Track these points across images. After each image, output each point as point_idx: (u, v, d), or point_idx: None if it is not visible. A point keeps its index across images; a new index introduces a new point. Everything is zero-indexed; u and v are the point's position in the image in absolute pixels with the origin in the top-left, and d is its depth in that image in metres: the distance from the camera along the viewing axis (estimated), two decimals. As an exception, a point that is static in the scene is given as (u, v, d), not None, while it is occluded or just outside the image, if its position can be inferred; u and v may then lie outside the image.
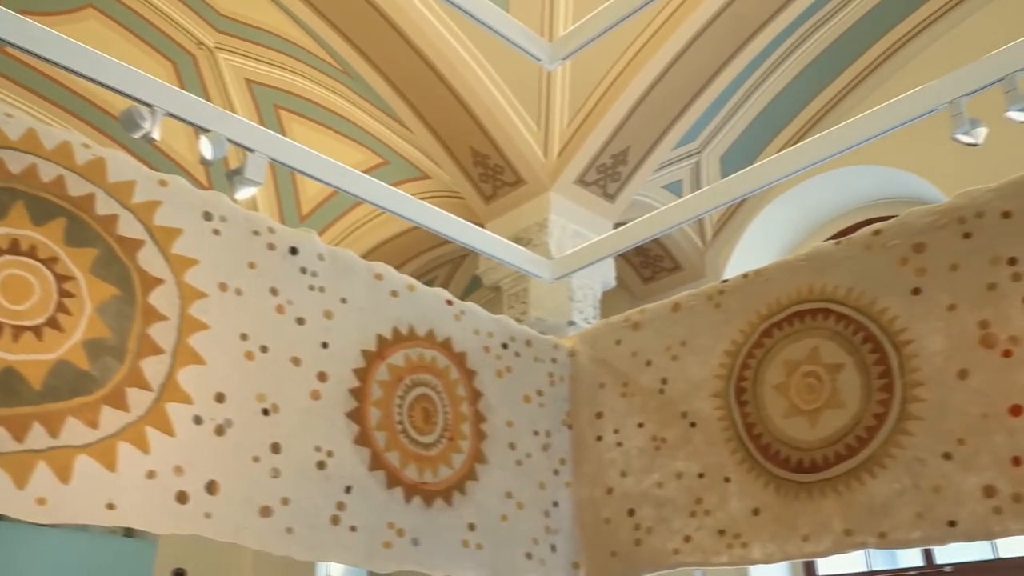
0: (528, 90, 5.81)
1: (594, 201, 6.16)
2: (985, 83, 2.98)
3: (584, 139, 5.84)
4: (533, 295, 5.82)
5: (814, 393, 2.45)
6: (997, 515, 2.05)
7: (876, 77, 6.38)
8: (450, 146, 6.16)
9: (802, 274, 2.57)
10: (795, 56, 6.24)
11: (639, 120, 5.75)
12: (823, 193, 6.76)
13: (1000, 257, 2.18)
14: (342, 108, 6.78)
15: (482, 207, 6.30)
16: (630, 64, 5.56)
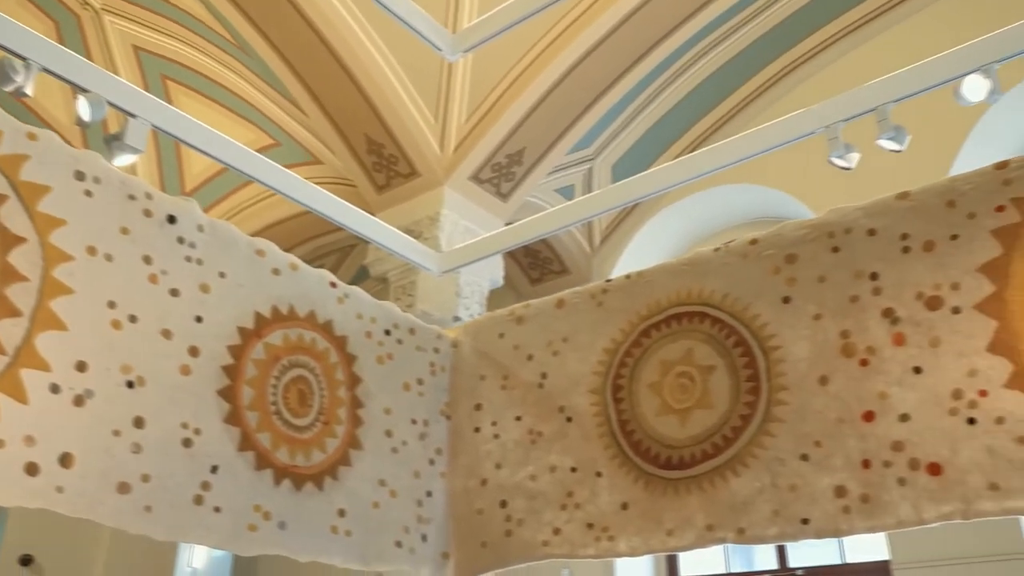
0: (428, 82, 5.79)
1: (487, 199, 6.19)
2: (861, 111, 3.16)
3: (481, 136, 5.86)
4: (420, 288, 5.80)
5: (686, 393, 2.53)
6: (846, 514, 2.17)
7: (765, 99, 6.66)
8: (345, 132, 6.06)
9: (682, 278, 2.65)
10: (691, 72, 6.44)
11: (537, 122, 5.82)
12: (708, 208, 7.00)
13: (863, 272, 2.30)
14: (234, 84, 6.57)
15: (374, 197, 6.23)
16: (531, 65, 5.61)
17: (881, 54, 5.88)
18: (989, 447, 2.00)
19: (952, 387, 2.09)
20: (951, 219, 2.20)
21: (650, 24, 5.44)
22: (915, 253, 2.24)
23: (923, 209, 2.26)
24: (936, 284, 2.18)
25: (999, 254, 2.11)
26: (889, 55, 5.65)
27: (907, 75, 3.08)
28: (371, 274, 6.17)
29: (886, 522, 2.11)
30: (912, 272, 2.23)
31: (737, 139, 3.45)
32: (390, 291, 5.98)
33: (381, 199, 6.17)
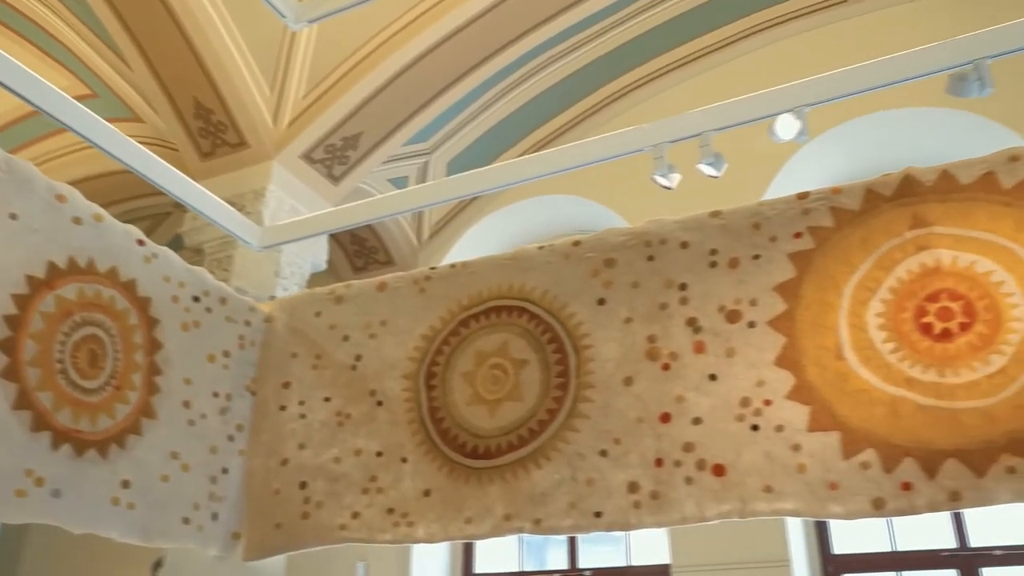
0: (268, 52, 5.57)
1: (317, 180, 6.03)
2: (686, 135, 3.33)
3: (318, 115, 5.70)
4: (238, 264, 5.55)
5: (498, 384, 2.57)
6: (636, 509, 2.28)
7: (603, 115, 6.89)
8: (172, 92, 5.72)
9: (506, 272, 2.69)
10: (535, 79, 6.56)
11: (377, 108, 5.73)
12: (536, 214, 7.16)
13: (674, 281, 2.43)
14: (52, 25, 6.05)
15: (197, 163, 5.92)
16: (378, 50, 5.53)
17: (712, 85, 6.24)
18: (768, 452, 2.17)
19: (741, 395, 2.24)
20: (755, 240, 2.36)
21: (501, 26, 5.50)
22: (721, 268, 2.38)
23: (732, 228, 2.41)
24: (737, 299, 2.33)
25: (793, 276, 2.29)
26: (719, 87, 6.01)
27: (730, 107, 3.27)
28: (186, 244, 5.84)
29: (672, 518, 2.23)
30: (717, 286, 2.37)
31: (569, 148, 3.55)
32: (205, 263, 5.68)
33: (204, 167, 5.86)
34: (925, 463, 2.00)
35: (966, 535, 5.31)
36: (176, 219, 6.70)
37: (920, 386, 2.07)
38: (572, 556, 6.44)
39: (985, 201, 2.16)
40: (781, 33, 6.30)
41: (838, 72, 2.94)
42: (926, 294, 2.14)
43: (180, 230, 5.91)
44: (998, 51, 2.63)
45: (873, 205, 2.27)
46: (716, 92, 5.17)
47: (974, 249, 2.13)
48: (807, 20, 6.26)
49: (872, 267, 2.22)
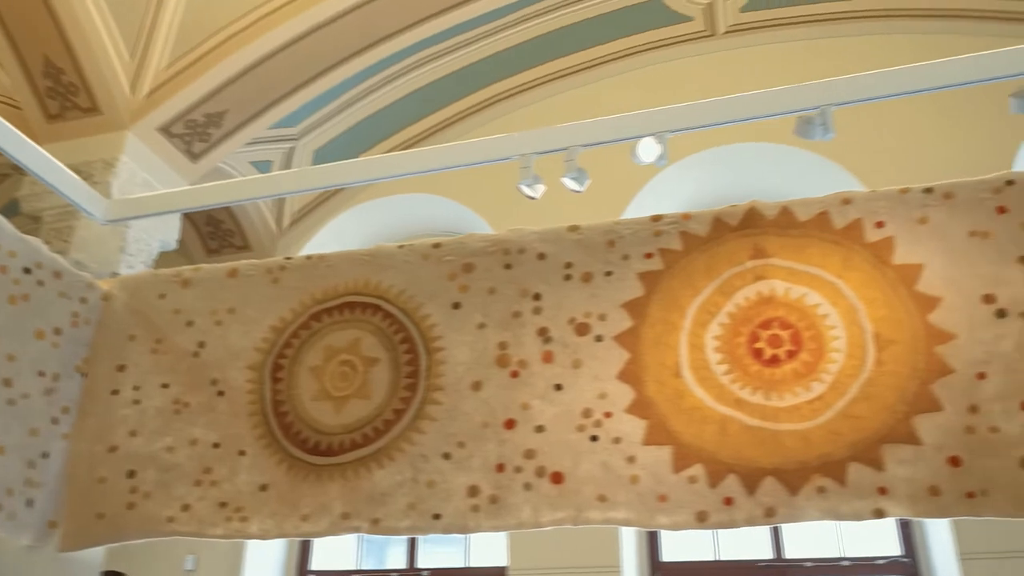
0: (131, 14, 5.28)
1: (174, 155, 5.77)
2: (553, 148, 3.40)
3: (181, 88, 5.46)
4: (79, 236, 5.23)
5: (346, 381, 2.54)
6: (474, 512, 2.30)
7: (477, 119, 6.93)
8: (20, 47, 5.33)
9: (363, 268, 2.66)
10: (411, 76, 6.53)
11: (245, 86, 5.54)
12: (402, 211, 7.12)
13: (529, 291, 2.48)
14: None
15: (42, 125, 5.54)
16: (252, 26, 5.35)
17: (581, 102, 6.41)
18: (604, 463, 2.24)
19: (584, 406, 2.31)
20: (609, 257, 2.44)
21: (379, 18, 5.44)
22: (575, 281, 2.45)
23: (588, 244, 2.48)
24: (587, 312, 2.41)
25: (641, 294, 2.38)
26: (588, 105, 6.17)
27: (598, 125, 3.37)
28: (23, 210, 5.45)
29: (508, 522, 2.27)
30: (569, 298, 2.44)
31: (438, 149, 3.55)
32: (43, 233, 5.32)
33: (50, 129, 5.50)
34: (746, 480, 2.13)
35: (782, 547, 5.67)
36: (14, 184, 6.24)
37: (748, 407, 2.20)
38: (411, 556, 6.43)
39: (818, 239, 2.32)
40: (651, 59, 6.54)
41: (699, 103, 3.08)
42: (760, 321, 2.28)
43: (17, 195, 5.51)
44: (841, 100, 2.83)
45: (719, 233, 2.40)
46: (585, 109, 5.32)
47: (805, 282, 2.28)
48: (677, 49, 6.52)
49: (714, 292, 2.34)
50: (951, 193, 2.29)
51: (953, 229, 2.24)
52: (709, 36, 6.46)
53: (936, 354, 2.14)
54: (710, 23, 6.40)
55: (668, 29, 6.46)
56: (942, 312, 2.17)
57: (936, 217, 2.27)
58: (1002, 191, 2.25)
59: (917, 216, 2.28)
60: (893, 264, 2.25)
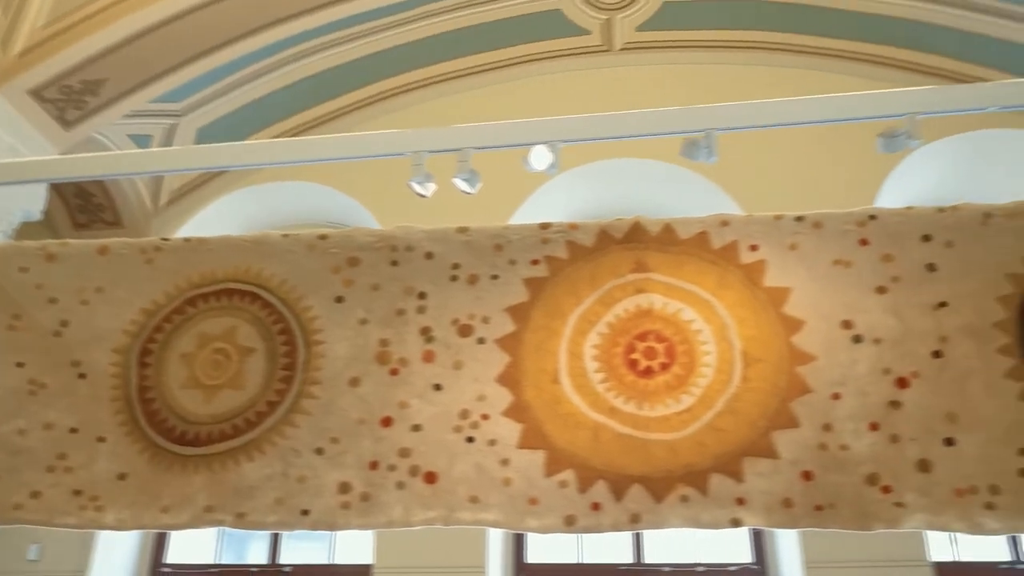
0: (5, -32, 4.96)
1: (45, 121, 5.45)
2: (447, 147, 3.39)
3: (58, 50, 5.15)
4: (-69, 199, 4.87)
5: (219, 370, 2.46)
6: (344, 510, 2.28)
7: (370, 111, 6.83)
8: None
9: (245, 254, 2.59)
10: (305, 62, 6.39)
11: (129, 55, 5.29)
12: (287, 199, 6.96)
13: (414, 289, 2.47)
14: None
15: None
16: (139, -7, 5.11)
17: (478, 104, 6.43)
18: (479, 464, 2.26)
19: (462, 407, 2.32)
20: (496, 260, 2.47)
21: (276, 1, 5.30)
22: (461, 283, 2.46)
23: (476, 246, 2.50)
24: (471, 314, 2.42)
25: (526, 300, 2.41)
26: (484, 108, 6.19)
27: (494, 129, 3.39)
28: None
29: (378, 520, 2.26)
30: (454, 299, 2.45)
31: (329, 139, 3.50)
32: None
33: (-95, 82, 5.09)
34: (615, 487, 2.19)
35: (642, 551, 5.84)
36: None
37: (621, 416, 2.26)
38: (273, 551, 6.28)
39: (696, 257, 2.42)
40: (548, 68, 6.62)
41: (593, 116, 3.14)
42: (637, 333, 2.35)
43: None
44: (727, 125, 2.95)
45: (604, 244, 2.46)
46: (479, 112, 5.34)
47: (682, 298, 2.37)
48: (574, 61, 6.63)
49: (595, 302, 2.40)
50: (820, 223, 2.42)
51: (819, 257, 2.38)
52: (606, 51, 6.60)
53: (797, 374, 2.26)
54: (607, 38, 6.54)
55: (566, 40, 6.56)
56: (805, 334, 2.30)
57: (805, 244, 2.40)
58: (865, 224, 2.40)
59: (788, 242, 2.41)
60: (764, 286, 2.37)
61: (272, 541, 6.32)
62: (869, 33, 5.99)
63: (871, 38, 6.02)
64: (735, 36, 6.33)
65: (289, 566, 6.21)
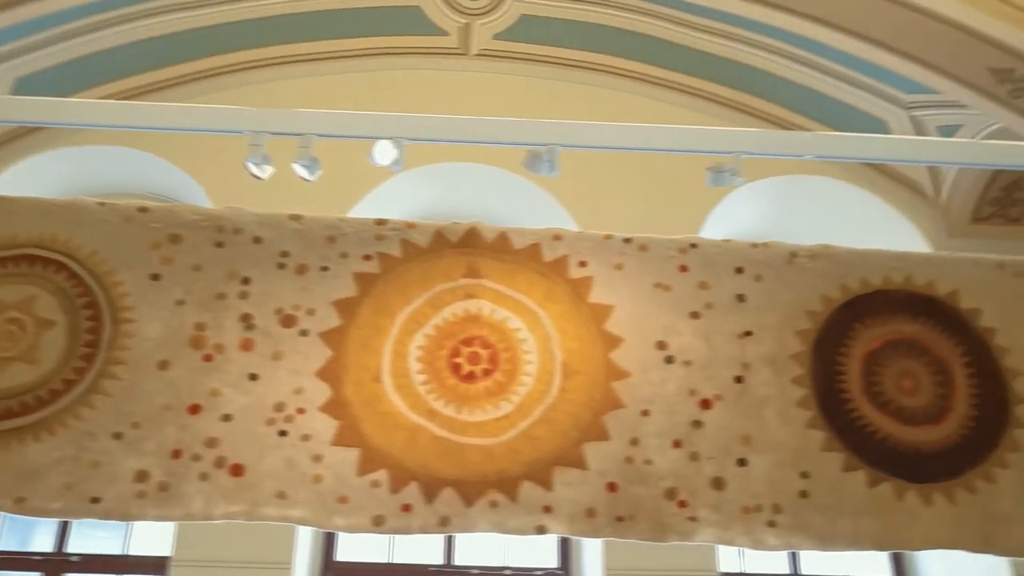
0: None
1: None
2: (288, 131, 3.30)
3: None
4: None
5: (12, 341, 2.27)
6: (140, 499, 2.15)
7: (212, 84, 6.51)
8: None
9: (53, 220, 2.40)
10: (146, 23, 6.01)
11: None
12: (110, 164, 6.51)
13: (238, 273, 2.38)
14: None
15: None
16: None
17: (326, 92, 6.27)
18: (289, 459, 2.20)
19: (278, 399, 2.25)
20: (327, 252, 2.41)
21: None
22: (288, 272, 2.39)
23: (308, 235, 2.44)
24: (296, 305, 2.36)
25: (354, 295, 2.38)
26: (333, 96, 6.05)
27: (340, 117, 3.31)
28: None
29: (176, 513, 2.15)
30: (280, 288, 2.37)
31: (165, 107, 3.33)
32: None
33: None
34: (427, 489, 2.20)
35: (453, 553, 5.89)
36: None
37: (439, 418, 2.27)
38: (61, 539, 5.85)
39: (528, 268, 2.47)
40: (402, 64, 6.57)
41: (443, 118, 3.14)
42: (463, 338, 2.37)
43: None
44: (570, 142, 3.04)
45: (439, 247, 2.46)
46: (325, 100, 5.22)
47: (510, 307, 2.41)
48: (429, 60, 6.60)
49: (425, 303, 2.39)
50: (646, 246, 2.54)
51: (642, 278, 2.49)
52: (461, 55, 6.62)
53: (612, 389, 2.35)
54: (464, 42, 6.56)
55: (423, 39, 6.52)
56: (622, 352, 2.40)
57: (631, 265, 2.50)
58: (686, 252, 2.54)
59: (615, 261, 2.50)
60: (589, 302, 2.45)
61: (60, 528, 5.88)
62: (709, 72, 6.32)
63: (710, 77, 6.36)
64: (587, 57, 6.51)
65: (77, 555, 5.80)
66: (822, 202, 6.34)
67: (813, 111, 6.30)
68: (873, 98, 5.99)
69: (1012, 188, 6.10)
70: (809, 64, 5.97)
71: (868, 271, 2.57)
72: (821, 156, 3.37)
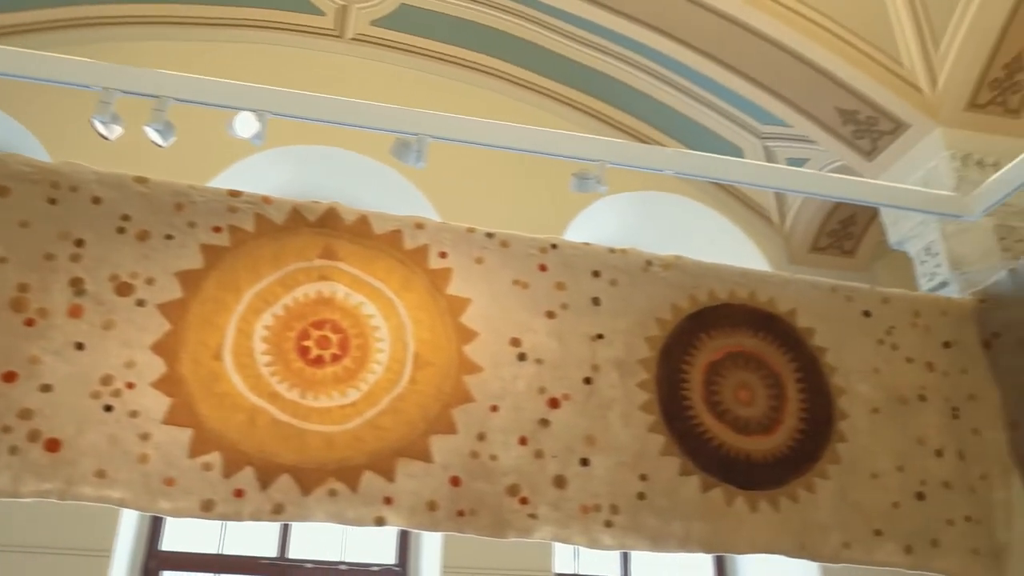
0: None
1: None
2: (142, 91, 3.10)
3: None
4: None
5: None
6: None
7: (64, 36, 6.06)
8: None
9: None
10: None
11: None
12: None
13: (71, 234, 2.20)
14: None
15: None
16: None
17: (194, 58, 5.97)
18: (113, 436, 2.05)
19: (105, 372, 2.10)
20: (174, 220, 2.27)
21: None
22: (128, 237, 2.23)
23: (154, 200, 2.29)
24: (134, 273, 2.20)
25: (200, 267, 2.25)
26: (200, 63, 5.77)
27: (200, 83, 3.14)
28: None
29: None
30: (118, 254, 2.21)
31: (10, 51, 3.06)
32: None
33: None
34: (262, 474, 2.10)
35: (288, 546, 5.72)
36: None
37: (281, 402, 2.18)
38: None
39: (387, 254, 2.41)
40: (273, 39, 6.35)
41: (311, 96, 3.04)
42: (314, 320, 2.29)
43: None
44: (439, 134, 3.00)
45: (295, 225, 2.37)
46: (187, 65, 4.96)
47: (365, 292, 2.35)
48: (301, 39, 6.42)
49: (275, 282, 2.29)
50: (507, 242, 2.53)
51: (502, 274, 2.48)
52: (336, 37, 6.46)
53: (463, 382, 2.33)
54: (340, 25, 6.41)
55: (298, 16, 6.32)
56: (476, 346, 2.38)
57: (491, 260, 2.49)
58: (547, 252, 2.55)
59: (476, 255, 2.49)
60: (446, 294, 2.42)
61: None
62: (579, 82, 6.45)
63: (580, 87, 6.49)
64: (463, 54, 6.51)
65: None
66: (678, 218, 6.60)
67: (675, 131, 6.54)
68: (732, 125, 6.27)
69: (847, 223, 6.55)
70: (675, 85, 6.19)
71: (716, 284, 2.67)
72: (680, 172, 3.49)
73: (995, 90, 4.94)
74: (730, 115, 6.15)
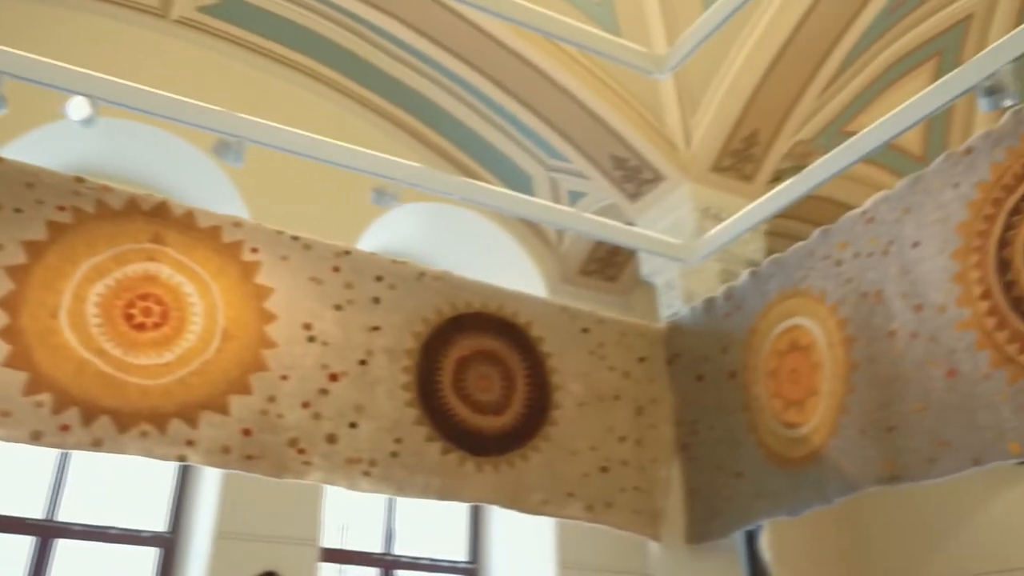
0: None
1: None
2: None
3: None
4: None
5: None
6: None
7: None
8: None
9: None
10: None
11: None
12: None
13: None
14: None
15: None
16: None
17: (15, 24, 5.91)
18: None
19: None
20: (24, 196, 2.67)
21: None
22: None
23: (6, 177, 2.68)
24: (-14, 239, 2.58)
25: (44, 239, 2.67)
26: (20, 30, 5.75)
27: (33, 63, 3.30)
28: None
29: None
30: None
31: None
32: None
33: None
34: (86, 414, 2.56)
35: (57, 508, 5.79)
36: None
37: (107, 357, 2.65)
38: None
39: (207, 245, 2.93)
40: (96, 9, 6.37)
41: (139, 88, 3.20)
42: (140, 293, 2.77)
43: None
44: (258, 139, 3.41)
45: (131, 212, 2.84)
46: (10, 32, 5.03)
47: (186, 274, 2.86)
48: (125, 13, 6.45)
49: (109, 258, 2.75)
50: (310, 245, 3.13)
51: (302, 271, 3.07)
52: (160, 16, 6.54)
53: (261, 354, 2.90)
54: (165, 5, 6.49)
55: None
56: (275, 326, 2.95)
57: (294, 258, 3.07)
58: (341, 256, 3.17)
59: (282, 253, 3.06)
60: (254, 282, 2.97)
61: None
62: (394, 96, 6.89)
63: (394, 100, 6.93)
64: (287, 54, 6.76)
65: None
66: (465, 231, 7.23)
67: (476, 153, 7.12)
68: (525, 154, 6.98)
69: (613, 252, 7.34)
70: (478, 111, 6.79)
71: (473, 296, 3.39)
72: (465, 198, 4.16)
73: (735, 158, 5.94)
74: (524, 146, 6.84)
